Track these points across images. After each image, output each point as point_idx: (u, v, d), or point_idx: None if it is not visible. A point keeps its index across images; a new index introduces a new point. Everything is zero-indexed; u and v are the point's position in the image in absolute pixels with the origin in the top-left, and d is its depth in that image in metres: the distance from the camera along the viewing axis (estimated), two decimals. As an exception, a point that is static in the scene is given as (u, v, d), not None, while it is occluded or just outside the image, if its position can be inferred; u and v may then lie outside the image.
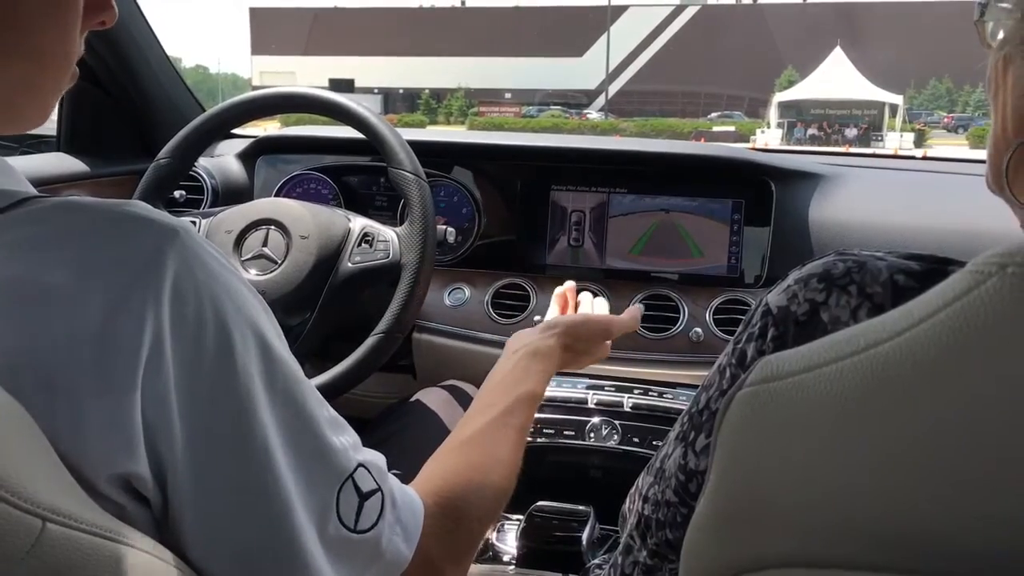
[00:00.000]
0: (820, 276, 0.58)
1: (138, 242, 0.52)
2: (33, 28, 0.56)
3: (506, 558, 1.22)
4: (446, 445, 0.81)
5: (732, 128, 31.23)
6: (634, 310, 1.10)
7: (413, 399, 1.38)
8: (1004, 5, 0.53)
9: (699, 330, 1.41)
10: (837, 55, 34.92)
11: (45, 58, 0.58)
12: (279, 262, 1.20)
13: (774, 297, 0.60)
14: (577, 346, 1.01)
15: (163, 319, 0.50)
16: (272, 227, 1.22)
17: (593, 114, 46.50)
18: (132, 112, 1.68)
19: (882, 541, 0.36)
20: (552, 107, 47.54)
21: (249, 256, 1.21)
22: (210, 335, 0.52)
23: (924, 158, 2.15)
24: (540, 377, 0.93)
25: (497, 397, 0.88)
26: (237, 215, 1.25)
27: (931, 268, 0.55)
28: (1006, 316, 0.33)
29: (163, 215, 0.54)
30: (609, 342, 1.06)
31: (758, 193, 1.48)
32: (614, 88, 55.81)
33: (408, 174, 1.19)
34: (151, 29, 1.64)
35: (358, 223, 1.24)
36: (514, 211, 1.59)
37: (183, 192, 1.56)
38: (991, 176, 0.57)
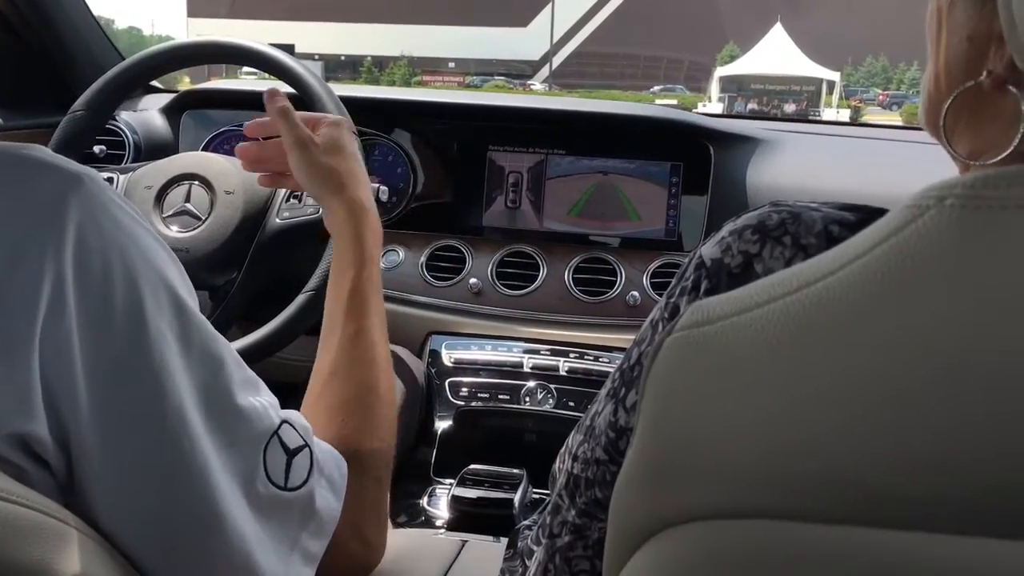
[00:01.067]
0: (754, 227, 0.56)
1: (37, 188, 0.48)
2: None
3: (439, 523, 1.20)
4: (314, 386, 0.76)
5: (675, 101, 31.50)
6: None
7: None
8: None
9: (636, 293, 1.40)
10: (777, 31, 35.45)
11: None
12: (203, 218, 1.15)
13: (708, 249, 0.58)
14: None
15: (65, 270, 0.47)
16: (195, 182, 1.17)
17: (537, 85, 46.52)
18: (48, 62, 1.59)
19: (812, 488, 0.34)
20: (496, 77, 47.36)
21: (171, 213, 1.16)
22: (118, 290, 0.49)
23: (863, 124, 2.17)
24: (355, 246, 0.82)
25: (333, 303, 0.80)
26: (157, 170, 1.19)
27: (865, 218, 0.54)
28: (946, 248, 0.31)
29: (66, 161, 0.51)
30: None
31: (697, 156, 1.47)
32: (558, 59, 55.85)
33: None
34: (67, -27, 1.56)
35: None
36: (450, 172, 1.56)
37: (103, 148, 1.49)
38: (926, 125, 0.56)
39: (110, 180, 1.20)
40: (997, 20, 0.46)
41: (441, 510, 1.21)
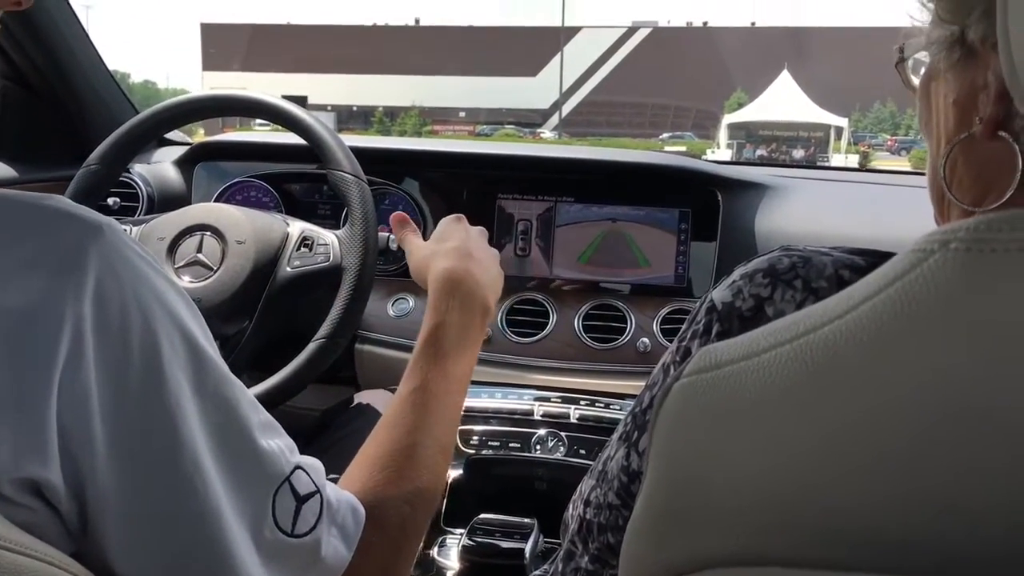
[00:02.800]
0: (765, 271, 0.57)
1: (58, 237, 0.49)
2: None
3: (449, 573, 1.19)
4: (372, 433, 0.75)
5: (683, 148, 31.66)
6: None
7: (355, 403, 1.34)
8: (920, 27, 0.54)
9: (646, 340, 1.39)
10: (784, 78, 35.78)
11: None
12: (215, 268, 1.16)
13: (719, 293, 0.59)
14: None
15: (84, 319, 0.48)
16: (207, 233, 1.18)
17: (546, 133, 46.93)
18: (64, 116, 1.62)
19: (822, 535, 0.34)
20: (506, 126, 47.84)
21: (183, 263, 1.17)
22: (135, 337, 0.50)
23: (870, 170, 2.18)
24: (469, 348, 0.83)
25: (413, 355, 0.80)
26: (170, 221, 1.20)
27: (876, 262, 0.54)
28: (951, 292, 0.31)
29: (86, 211, 0.52)
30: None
31: (705, 203, 1.48)
32: (567, 108, 56.48)
33: (347, 175, 1.16)
34: (83, 29, 1.59)
35: (296, 227, 1.21)
36: (460, 220, 1.56)
37: (117, 200, 1.51)
38: (932, 195, 0.57)
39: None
40: (979, 74, 0.48)
41: (452, 560, 1.19)
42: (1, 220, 0.49)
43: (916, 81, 0.56)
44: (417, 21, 67.69)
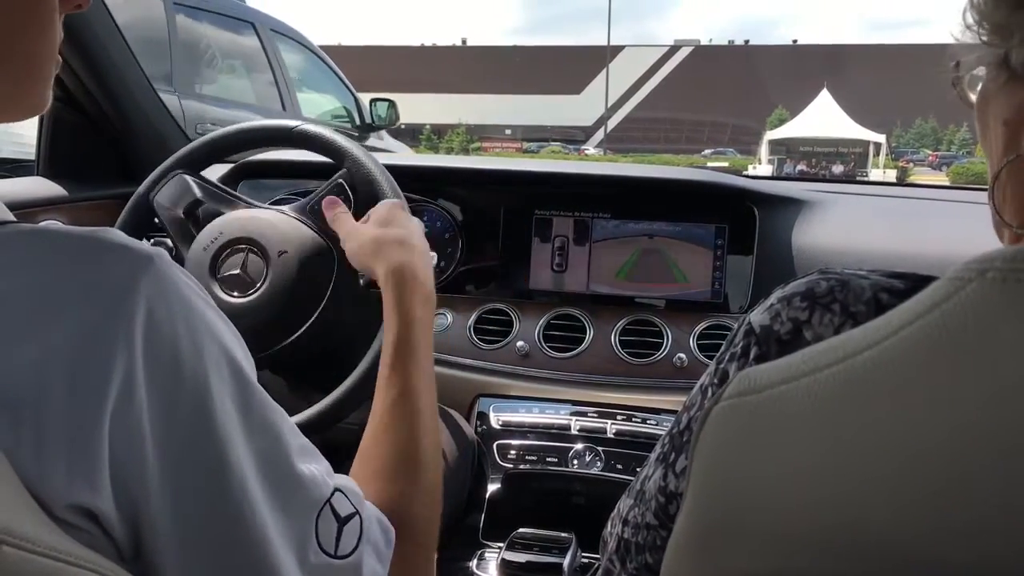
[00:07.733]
0: (803, 295, 0.57)
1: (110, 269, 0.50)
2: (14, 28, 0.56)
3: (487, 588, 1.19)
4: (362, 449, 0.75)
5: (726, 164, 31.56)
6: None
7: None
8: (969, 40, 0.54)
9: (683, 355, 1.39)
10: (824, 96, 35.56)
11: (32, 54, 0.57)
12: (258, 284, 1.16)
13: (757, 316, 0.59)
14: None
15: (136, 349, 0.49)
16: (251, 248, 1.19)
17: (591, 149, 47.04)
18: (112, 136, 1.66)
19: (863, 555, 0.34)
20: (552, 143, 48.03)
21: (226, 277, 1.18)
22: (186, 367, 0.51)
23: (908, 184, 2.15)
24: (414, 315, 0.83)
25: (381, 366, 0.80)
26: (212, 231, 1.21)
27: (914, 286, 0.54)
28: (988, 320, 0.31)
29: (136, 242, 0.52)
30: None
31: (742, 218, 1.47)
32: (611, 124, 56.59)
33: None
34: (132, 53, 1.63)
35: None
36: (497, 236, 1.58)
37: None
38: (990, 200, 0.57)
39: (170, 250, 1.23)
40: None
41: (491, 574, 1.20)
42: (53, 253, 0.50)
43: (973, 98, 0.56)
44: (464, 41, 68.46)
